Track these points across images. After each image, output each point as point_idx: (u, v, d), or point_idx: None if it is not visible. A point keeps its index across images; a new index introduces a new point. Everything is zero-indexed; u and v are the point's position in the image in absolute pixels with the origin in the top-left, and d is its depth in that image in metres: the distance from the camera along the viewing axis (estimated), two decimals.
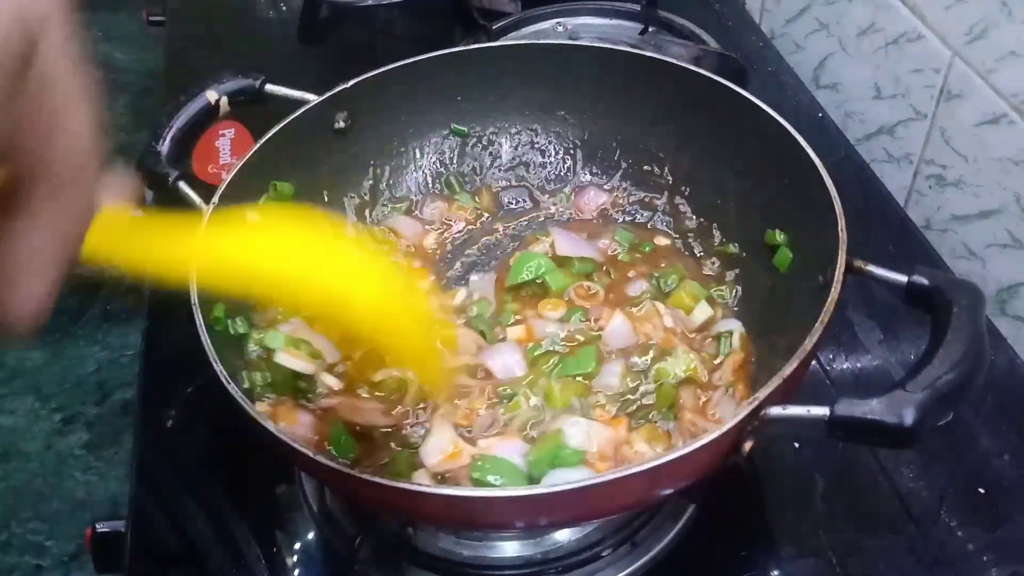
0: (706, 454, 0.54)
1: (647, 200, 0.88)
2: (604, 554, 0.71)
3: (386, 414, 0.70)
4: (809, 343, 0.57)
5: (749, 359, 0.73)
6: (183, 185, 0.74)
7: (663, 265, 0.82)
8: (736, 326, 0.75)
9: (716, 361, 0.74)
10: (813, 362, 0.84)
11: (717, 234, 0.83)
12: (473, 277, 0.83)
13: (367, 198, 0.88)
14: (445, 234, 0.88)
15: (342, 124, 0.84)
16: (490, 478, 0.63)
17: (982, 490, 0.76)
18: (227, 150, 1.07)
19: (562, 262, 0.81)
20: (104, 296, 2.16)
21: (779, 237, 0.75)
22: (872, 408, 0.52)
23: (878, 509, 0.75)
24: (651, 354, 0.73)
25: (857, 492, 0.77)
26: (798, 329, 0.60)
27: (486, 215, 0.90)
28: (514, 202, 0.91)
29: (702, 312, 0.77)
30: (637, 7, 1.20)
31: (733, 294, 0.79)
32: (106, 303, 2.16)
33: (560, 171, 0.92)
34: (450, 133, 0.91)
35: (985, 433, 0.79)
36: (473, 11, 1.23)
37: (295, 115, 0.79)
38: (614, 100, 0.88)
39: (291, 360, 0.70)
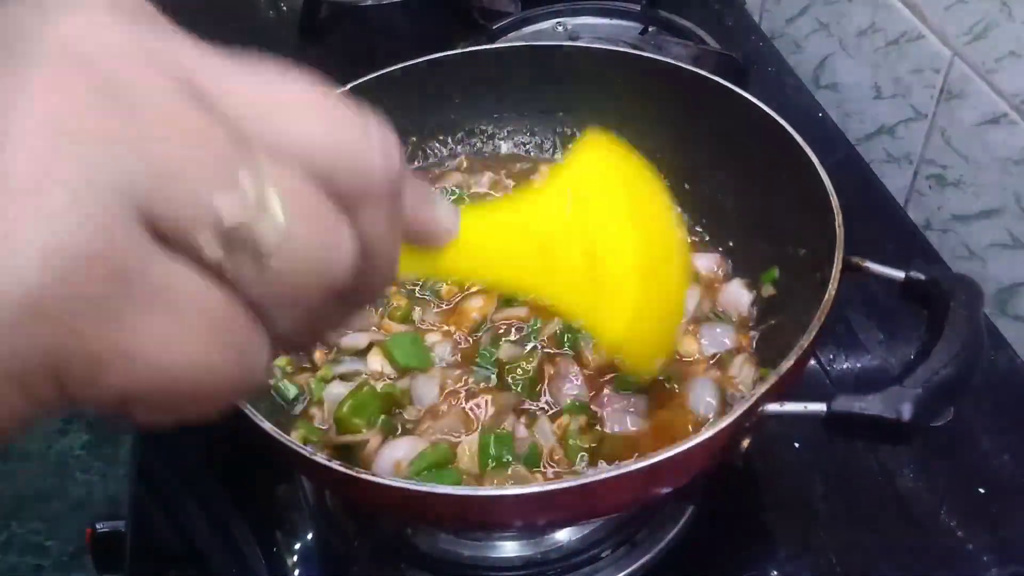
0: (703, 451, 0.54)
1: None
2: (604, 554, 0.71)
3: None
4: (805, 340, 0.57)
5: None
6: None
7: None
8: None
9: None
10: (813, 363, 0.85)
11: (715, 233, 0.83)
12: None
13: None
14: None
15: None
16: None
17: (982, 490, 0.76)
18: None
19: None
20: None
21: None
22: (869, 403, 0.52)
23: (878, 509, 0.75)
24: None
25: (857, 492, 0.76)
26: (797, 327, 0.60)
27: None
28: None
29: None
30: (637, 7, 1.20)
31: None
32: None
33: None
34: (449, 136, 0.91)
35: (985, 433, 0.79)
36: (473, 11, 1.23)
37: None
38: (614, 100, 0.87)
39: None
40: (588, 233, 0.50)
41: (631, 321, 0.52)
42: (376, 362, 0.73)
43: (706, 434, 0.53)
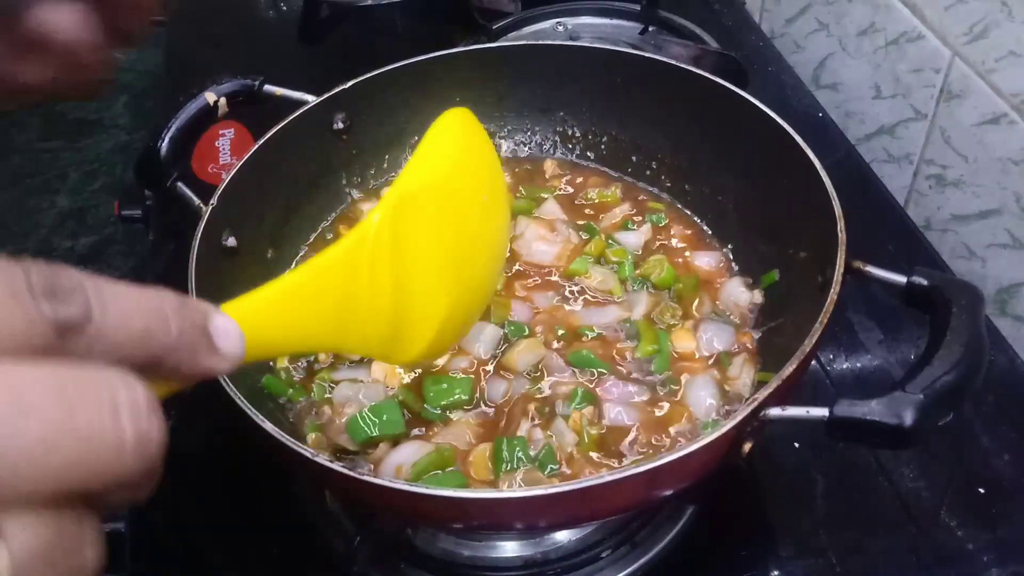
0: (705, 455, 0.54)
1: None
2: (604, 555, 0.71)
3: None
4: (808, 344, 0.57)
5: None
6: (181, 186, 0.74)
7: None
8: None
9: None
10: (813, 362, 0.84)
11: (716, 234, 0.83)
12: None
13: (364, 198, 0.88)
14: None
15: (341, 125, 0.84)
16: None
17: (982, 490, 0.76)
18: (227, 150, 1.07)
19: None
20: None
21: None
22: (871, 409, 0.52)
23: (878, 509, 0.75)
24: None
25: (857, 492, 0.77)
26: (797, 329, 0.60)
27: None
28: None
29: None
30: (637, 7, 1.20)
31: None
32: None
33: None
34: None
35: (985, 433, 0.79)
36: (473, 11, 1.23)
37: (294, 115, 0.79)
38: (614, 100, 0.88)
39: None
40: (396, 272, 0.49)
41: (427, 349, 0.53)
42: (379, 371, 0.73)
43: (708, 438, 0.53)
